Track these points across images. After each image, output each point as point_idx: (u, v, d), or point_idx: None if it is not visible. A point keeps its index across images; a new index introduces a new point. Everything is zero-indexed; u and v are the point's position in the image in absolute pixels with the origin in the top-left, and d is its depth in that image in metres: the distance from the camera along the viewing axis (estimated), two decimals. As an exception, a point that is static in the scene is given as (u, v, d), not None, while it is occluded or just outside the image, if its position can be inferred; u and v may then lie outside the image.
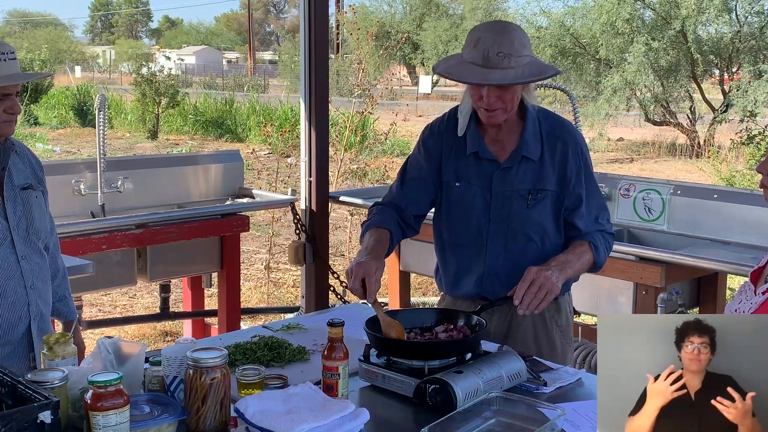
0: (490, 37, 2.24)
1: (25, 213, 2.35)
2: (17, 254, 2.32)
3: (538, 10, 21.57)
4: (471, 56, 2.26)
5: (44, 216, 2.44)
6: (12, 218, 2.31)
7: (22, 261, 2.33)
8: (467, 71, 2.26)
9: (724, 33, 17.00)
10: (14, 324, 2.32)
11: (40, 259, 2.41)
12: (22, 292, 2.33)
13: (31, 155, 2.48)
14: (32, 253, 2.37)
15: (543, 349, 2.47)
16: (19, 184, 2.36)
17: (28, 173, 2.42)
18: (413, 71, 34.31)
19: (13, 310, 2.32)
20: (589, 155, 2.50)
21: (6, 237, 2.29)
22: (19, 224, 2.33)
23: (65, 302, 2.59)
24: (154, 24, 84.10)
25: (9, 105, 2.26)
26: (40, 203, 2.41)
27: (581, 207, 2.43)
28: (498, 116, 2.33)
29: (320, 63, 4.69)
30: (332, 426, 1.71)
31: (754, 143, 13.00)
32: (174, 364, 1.83)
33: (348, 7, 14.50)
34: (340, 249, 8.51)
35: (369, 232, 2.45)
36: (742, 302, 1.91)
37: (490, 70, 2.22)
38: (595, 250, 2.41)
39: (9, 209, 2.31)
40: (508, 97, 2.30)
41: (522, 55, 2.24)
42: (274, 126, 12.53)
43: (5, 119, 2.27)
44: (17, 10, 75.29)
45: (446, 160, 2.47)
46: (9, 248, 2.30)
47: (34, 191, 2.40)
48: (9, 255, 2.30)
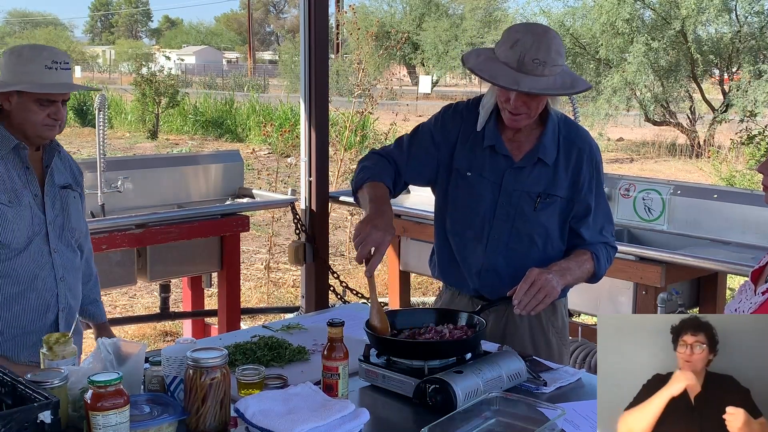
0: (528, 41, 2.21)
1: (62, 210, 2.49)
2: (50, 246, 2.44)
3: (538, 10, 21.59)
4: (506, 56, 2.24)
5: (80, 216, 2.57)
6: (49, 213, 2.45)
7: (54, 254, 2.45)
8: (500, 72, 2.23)
9: (724, 33, 17.00)
10: (42, 313, 2.44)
11: (72, 255, 2.54)
12: (52, 282, 2.45)
13: (72, 161, 2.63)
14: (65, 247, 2.50)
15: (539, 350, 2.47)
16: (59, 183, 2.50)
17: (68, 175, 2.56)
18: (413, 71, 34.31)
19: (41, 299, 2.44)
20: (602, 167, 2.50)
21: (42, 229, 2.42)
22: (56, 220, 2.47)
23: (96, 305, 2.74)
24: (154, 24, 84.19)
25: (53, 111, 2.37)
26: (77, 204, 2.56)
27: (589, 217, 2.43)
28: (521, 121, 2.33)
29: (320, 63, 4.69)
30: (332, 426, 1.71)
31: (754, 143, 13.00)
32: (174, 364, 1.83)
33: (348, 7, 14.50)
34: (340, 249, 8.51)
35: (369, 184, 2.38)
36: (742, 302, 1.91)
37: (523, 75, 2.20)
38: (597, 261, 2.41)
39: (48, 205, 2.45)
40: (534, 104, 2.29)
41: (557, 64, 2.23)
42: (274, 126, 12.54)
43: (48, 123, 2.38)
44: (17, 10, 75.37)
45: (461, 147, 2.45)
46: (43, 240, 2.43)
47: (72, 191, 2.54)
48: (42, 246, 2.42)
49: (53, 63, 2.33)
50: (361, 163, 2.50)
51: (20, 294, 2.41)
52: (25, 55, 2.34)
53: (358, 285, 6.83)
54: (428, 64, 28.81)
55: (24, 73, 2.32)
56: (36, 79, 2.31)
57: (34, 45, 2.42)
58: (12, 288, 2.39)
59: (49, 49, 2.39)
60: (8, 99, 2.35)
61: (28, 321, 2.42)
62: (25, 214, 2.38)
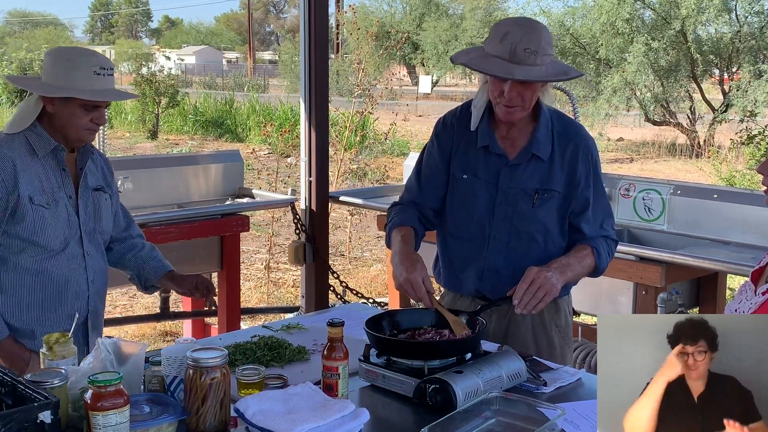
0: (518, 32, 2.23)
1: (94, 213, 2.52)
2: (83, 249, 2.48)
3: (538, 10, 21.62)
4: (496, 50, 2.25)
5: (110, 218, 2.60)
6: (83, 216, 2.48)
7: (87, 257, 2.49)
8: (492, 64, 2.25)
9: (724, 33, 17.00)
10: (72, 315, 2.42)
11: (101, 259, 2.58)
12: (84, 285, 2.49)
13: (102, 160, 2.64)
14: (96, 251, 2.54)
15: (542, 349, 2.47)
16: (92, 185, 2.53)
17: (100, 176, 2.58)
18: (413, 71, 34.30)
19: (74, 302, 2.47)
20: (599, 160, 2.50)
21: (77, 232, 2.46)
22: (88, 222, 2.50)
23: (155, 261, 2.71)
24: (154, 24, 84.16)
25: (96, 116, 2.39)
26: (107, 206, 2.58)
27: (588, 211, 2.43)
28: (516, 113, 2.33)
29: (320, 63, 4.69)
30: (332, 426, 1.71)
31: (754, 143, 13.01)
32: (174, 364, 1.83)
33: (348, 7, 14.50)
34: (340, 249, 8.51)
35: (394, 231, 2.47)
36: (742, 302, 1.91)
37: (515, 65, 2.22)
38: (598, 256, 2.41)
39: (81, 208, 2.48)
40: (529, 94, 2.30)
41: (547, 53, 2.24)
42: (274, 126, 12.54)
43: (90, 127, 2.40)
44: (17, 10, 75.33)
45: (456, 153, 2.48)
46: (77, 243, 2.46)
47: (104, 193, 2.57)
48: (77, 249, 2.46)
49: (101, 69, 2.35)
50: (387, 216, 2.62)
51: (53, 296, 2.43)
52: (74, 60, 2.34)
53: (358, 285, 6.83)
54: (428, 64, 28.79)
55: (74, 78, 2.32)
56: (85, 85, 2.32)
57: (83, 50, 2.42)
58: (46, 289, 2.42)
59: (97, 55, 2.40)
60: (52, 102, 2.35)
61: (59, 323, 2.43)
62: (61, 216, 2.41)
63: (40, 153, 2.38)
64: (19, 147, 2.36)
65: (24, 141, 2.37)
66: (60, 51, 2.42)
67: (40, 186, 2.37)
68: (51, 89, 2.33)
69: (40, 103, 2.37)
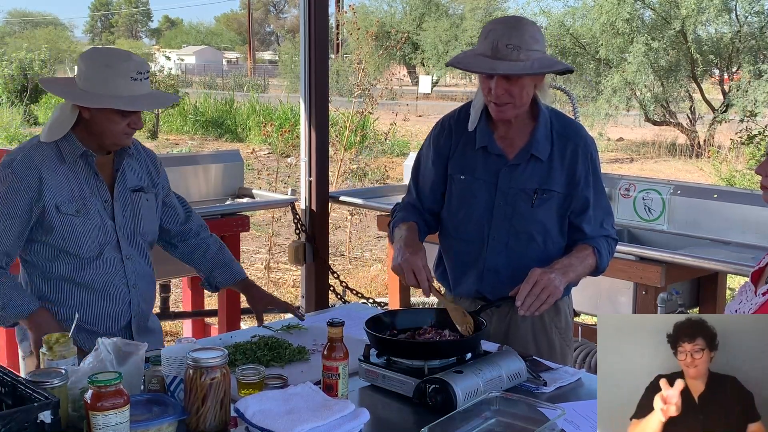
0: (500, 29, 2.25)
1: (133, 215, 2.45)
2: (122, 254, 2.43)
3: (538, 10, 21.62)
4: (481, 48, 2.27)
5: (153, 218, 2.53)
6: (119, 219, 2.42)
7: (126, 261, 2.44)
8: (475, 61, 2.27)
9: (724, 33, 17.00)
10: (115, 318, 2.45)
11: (144, 261, 2.52)
12: (125, 289, 2.45)
13: (147, 156, 2.57)
14: (137, 254, 2.48)
15: (542, 350, 2.47)
16: (130, 186, 2.46)
17: (143, 174, 2.51)
18: (413, 71, 34.30)
19: (114, 306, 2.44)
20: (599, 160, 2.50)
21: (112, 237, 2.40)
22: (126, 225, 2.44)
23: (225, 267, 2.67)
24: (154, 24, 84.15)
25: (134, 120, 2.34)
26: (150, 205, 2.51)
27: (588, 211, 2.43)
28: (507, 111, 2.33)
29: (320, 63, 4.69)
30: (332, 426, 1.71)
31: (754, 143, 13.00)
32: (174, 364, 1.83)
33: (348, 7, 14.49)
34: (340, 249, 8.51)
35: (397, 227, 2.48)
36: (742, 303, 1.91)
37: (497, 61, 2.22)
38: (599, 255, 2.41)
39: (117, 210, 2.41)
40: (517, 91, 2.29)
41: (533, 49, 2.23)
42: (274, 126, 12.54)
43: (127, 132, 2.35)
44: (17, 10, 75.32)
45: (454, 154, 2.48)
46: (114, 248, 2.41)
47: (145, 194, 2.49)
48: (115, 254, 2.41)
49: (138, 74, 2.28)
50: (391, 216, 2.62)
51: (93, 302, 2.40)
52: (111, 65, 2.28)
53: (358, 285, 6.83)
54: (428, 64, 28.80)
55: (110, 85, 2.26)
56: (123, 92, 2.27)
57: (118, 54, 2.34)
58: (84, 296, 2.39)
59: (133, 58, 2.33)
60: (88, 108, 2.30)
61: (101, 328, 2.41)
62: (94, 223, 2.35)
63: (69, 159, 2.33)
64: (49, 154, 2.32)
65: (54, 148, 2.33)
66: (96, 54, 2.35)
67: (69, 194, 2.32)
68: (87, 98, 2.27)
69: (77, 110, 2.32)
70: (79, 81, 2.31)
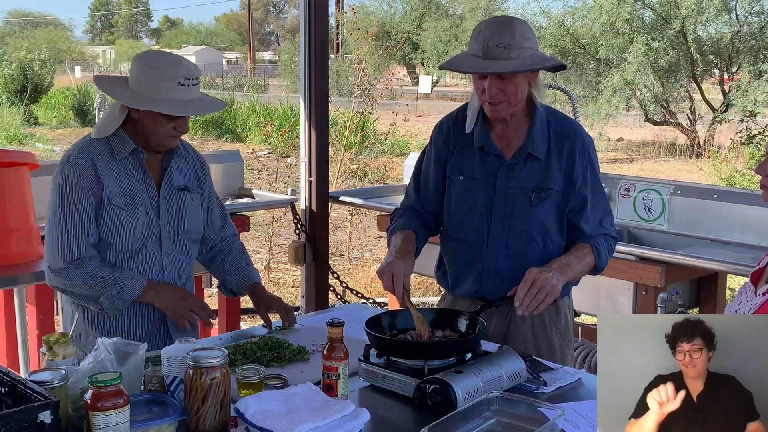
0: (491, 29, 2.25)
1: (178, 213, 2.51)
2: (162, 250, 2.48)
3: (538, 10, 21.63)
4: (473, 48, 2.28)
5: (198, 217, 2.58)
6: (164, 217, 2.48)
7: (165, 257, 2.50)
8: (467, 62, 2.28)
9: (724, 33, 16.99)
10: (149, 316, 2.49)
11: (186, 258, 2.57)
12: None
13: (195, 158, 2.64)
14: (178, 251, 2.53)
15: (542, 351, 2.46)
16: (177, 185, 2.52)
17: (189, 175, 2.57)
18: (413, 71, 34.29)
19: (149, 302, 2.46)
20: (597, 158, 2.50)
21: (155, 233, 2.46)
22: (170, 223, 2.49)
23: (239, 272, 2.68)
24: (154, 24, 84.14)
25: (180, 124, 2.41)
26: (195, 205, 2.57)
27: (586, 209, 2.42)
28: (502, 110, 2.33)
29: (320, 63, 4.69)
30: (332, 426, 1.71)
31: (754, 143, 13.01)
32: (174, 364, 1.83)
33: (348, 7, 14.51)
34: (340, 249, 8.51)
35: (395, 234, 2.48)
36: (742, 303, 1.91)
37: (489, 61, 2.23)
38: (597, 254, 2.41)
39: (162, 208, 2.48)
40: (511, 89, 2.29)
41: (524, 47, 2.24)
42: (274, 126, 12.55)
43: (172, 134, 2.42)
44: (17, 10, 75.34)
45: (452, 155, 2.48)
46: (155, 244, 2.47)
47: (190, 193, 2.55)
48: (155, 250, 2.47)
49: (186, 80, 2.35)
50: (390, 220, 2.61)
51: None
52: (160, 70, 2.34)
53: (358, 285, 6.83)
54: (428, 64, 28.77)
55: (158, 89, 2.33)
56: (170, 96, 2.33)
57: (169, 58, 2.40)
58: None
59: (183, 63, 2.38)
60: (137, 109, 2.37)
61: (137, 324, 2.46)
62: (140, 218, 2.42)
63: (119, 155, 2.41)
64: (101, 150, 2.40)
65: (106, 144, 2.41)
66: (147, 57, 2.42)
67: (119, 187, 2.40)
68: (135, 99, 2.35)
69: (126, 110, 2.39)
70: (131, 82, 2.39)
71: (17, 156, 3.59)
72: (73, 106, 22.07)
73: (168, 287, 2.47)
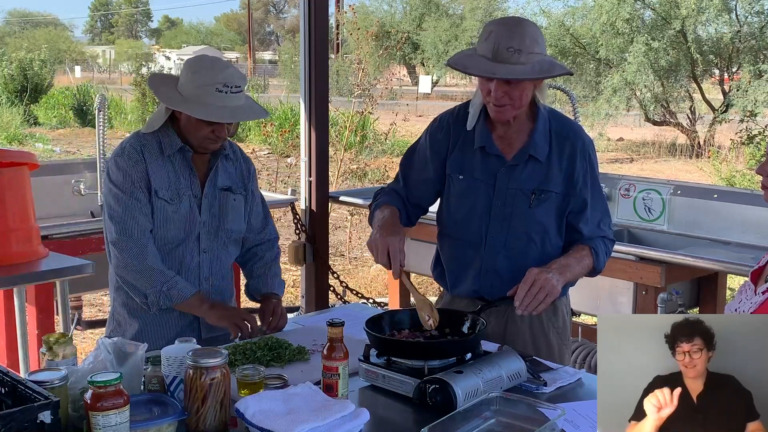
0: (502, 31, 2.24)
1: (219, 212, 2.55)
2: (200, 247, 2.53)
3: (538, 10, 21.63)
4: (482, 49, 2.26)
5: (240, 217, 2.62)
6: (205, 215, 2.53)
7: (203, 254, 2.54)
8: (475, 63, 2.26)
9: (724, 33, 17.00)
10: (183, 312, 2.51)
11: (225, 256, 2.61)
12: (195, 281, 2.53)
13: (243, 161, 2.67)
14: (218, 248, 2.58)
15: (540, 350, 2.46)
16: (221, 185, 2.56)
17: (235, 177, 2.61)
18: (413, 71, 34.28)
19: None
20: (596, 159, 2.50)
21: (195, 229, 2.51)
22: (211, 221, 2.54)
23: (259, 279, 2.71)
24: (154, 24, 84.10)
25: (217, 129, 2.43)
26: (237, 206, 2.60)
27: (586, 211, 2.42)
28: (506, 112, 2.33)
29: (320, 63, 4.69)
30: (332, 426, 1.71)
31: (754, 143, 13.01)
32: (174, 364, 1.83)
33: (348, 7, 14.51)
34: (340, 249, 8.51)
35: (379, 209, 2.47)
36: (742, 302, 1.91)
37: (498, 64, 2.22)
38: (596, 256, 2.41)
39: (204, 207, 2.53)
40: (516, 93, 2.29)
41: (533, 52, 2.23)
42: (274, 126, 12.55)
43: (211, 138, 2.44)
44: (17, 10, 75.26)
45: (452, 153, 2.47)
46: (195, 240, 2.52)
47: (233, 194, 2.59)
48: (193, 246, 2.52)
49: (224, 87, 2.35)
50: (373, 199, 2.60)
51: None
52: (201, 73, 2.37)
53: (358, 285, 6.83)
54: (428, 64, 28.78)
55: (197, 92, 2.36)
56: (204, 100, 2.35)
57: (214, 63, 2.41)
58: None
59: (225, 71, 2.38)
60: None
61: (171, 317, 2.50)
62: (182, 213, 2.48)
63: (167, 152, 2.46)
64: (151, 144, 2.47)
65: (156, 139, 2.48)
66: (195, 61, 2.45)
67: (167, 181, 2.46)
68: (173, 99, 2.40)
69: (170, 109, 2.44)
70: (179, 83, 2.44)
71: (17, 156, 3.59)
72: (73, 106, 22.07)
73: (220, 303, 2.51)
